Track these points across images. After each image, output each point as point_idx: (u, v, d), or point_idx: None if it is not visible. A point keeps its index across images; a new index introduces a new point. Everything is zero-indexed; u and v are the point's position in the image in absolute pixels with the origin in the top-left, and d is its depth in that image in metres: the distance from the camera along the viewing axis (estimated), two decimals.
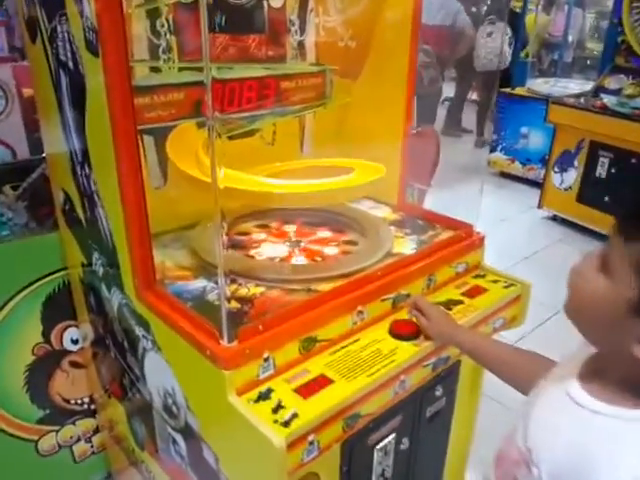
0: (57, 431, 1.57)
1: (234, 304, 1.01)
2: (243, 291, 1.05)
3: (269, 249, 1.25)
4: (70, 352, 1.53)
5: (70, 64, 1.00)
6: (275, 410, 0.87)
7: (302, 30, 1.45)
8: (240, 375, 0.89)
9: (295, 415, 0.86)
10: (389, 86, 1.50)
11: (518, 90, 4.83)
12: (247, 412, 0.86)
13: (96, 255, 1.21)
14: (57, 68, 1.07)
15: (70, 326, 1.50)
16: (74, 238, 1.31)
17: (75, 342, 1.52)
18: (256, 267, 1.11)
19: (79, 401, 1.60)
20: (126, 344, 1.22)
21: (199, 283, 1.09)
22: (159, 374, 1.08)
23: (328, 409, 0.89)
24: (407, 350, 1.04)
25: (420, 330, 1.08)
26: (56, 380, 1.53)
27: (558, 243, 3.77)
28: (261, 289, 1.06)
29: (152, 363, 1.11)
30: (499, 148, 4.93)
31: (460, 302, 1.21)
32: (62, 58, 1.03)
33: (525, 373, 0.91)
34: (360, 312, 1.07)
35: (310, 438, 0.87)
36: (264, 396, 0.90)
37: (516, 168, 4.87)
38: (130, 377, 1.26)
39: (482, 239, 1.35)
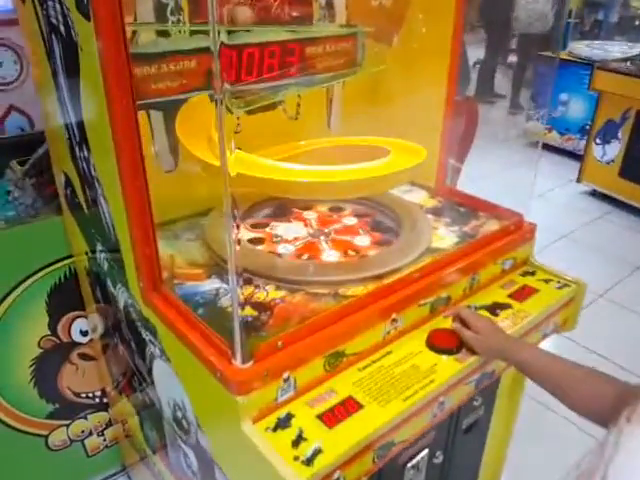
0: (68, 425, 1.49)
1: (250, 311, 0.87)
2: (261, 295, 0.92)
3: (291, 242, 1.10)
4: (79, 344, 1.43)
5: (62, 28, 0.85)
6: (296, 443, 0.74)
7: None
8: (255, 400, 0.76)
9: (319, 450, 0.73)
10: (430, 51, 1.32)
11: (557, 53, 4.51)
12: (264, 445, 0.73)
13: (99, 247, 1.08)
14: (49, 32, 0.92)
15: (78, 317, 1.39)
16: (77, 225, 1.18)
17: (84, 334, 1.42)
18: (276, 266, 0.97)
19: (90, 394, 1.51)
20: (134, 345, 1.11)
21: (212, 284, 0.95)
22: (168, 384, 0.97)
23: (357, 442, 0.76)
24: (448, 367, 0.90)
25: (462, 342, 0.94)
26: (65, 373, 1.43)
27: (598, 220, 3.55)
28: (282, 293, 0.93)
29: (161, 371, 0.99)
30: (536, 117, 4.65)
31: (507, 306, 1.06)
32: (53, 21, 0.88)
33: (592, 398, 0.78)
34: (394, 320, 0.93)
35: (336, 475, 0.75)
36: (283, 424, 0.78)
37: (553, 138, 4.59)
38: (139, 379, 1.16)
39: (533, 230, 1.18)
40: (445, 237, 1.13)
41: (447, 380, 0.88)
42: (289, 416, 0.79)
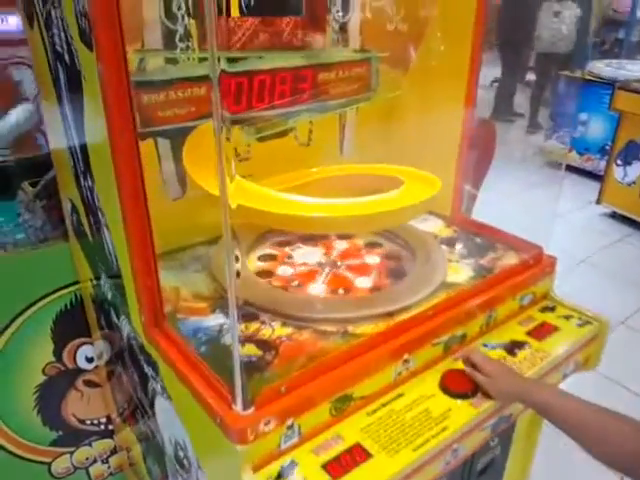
0: (72, 453, 1.46)
1: (254, 350, 0.84)
2: (267, 332, 0.88)
3: (300, 274, 1.07)
4: (85, 371, 1.40)
5: (66, 57, 0.84)
6: None
7: (345, 10, 1.24)
8: (257, 448, 0.72)
9: None
10: (446, 74, 1.29)
11: (578, 73, 4.45)
12: None
13: (103, 275, 1.06)
14: (55, 60, 0.91)
15: (84, 343, 1.37)
16: (82, 252, 1.16)
17: (90, 360, 1.39)
18: (282, 301, 0.93)
19: (95, 421, 1.48)
20: (136, 377, 1.07)
21: (216, 319, 0.92)
22: (170, 422, 0.93)
23: None
24: (463, 412, 0.85)
25: (477, 385, 0.89)
26: (70, 400, 1.40)
27: (618, 243, 3.46)
28: (288, 329, 0.89)
29: (162, 408, 0.96)
30: (554, 136, 4.58)
31: (525, 345, 1.01)
32: (58, 49, 0.87)
33: (617, 445, 0.73)
34: (406, 361, 0.88)
35: None
36: (286, 472, 0.73)
37: (573, 158, 4.52)
38: (142, 411, 1.12)
39: (553, 264, 1.13)
40: (460, 270, 1.08)
41: (461, 427, 0.83)
42: (293, 464, 0.74)
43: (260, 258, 1.11)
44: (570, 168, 4.52)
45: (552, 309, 1.12)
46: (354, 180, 1.15)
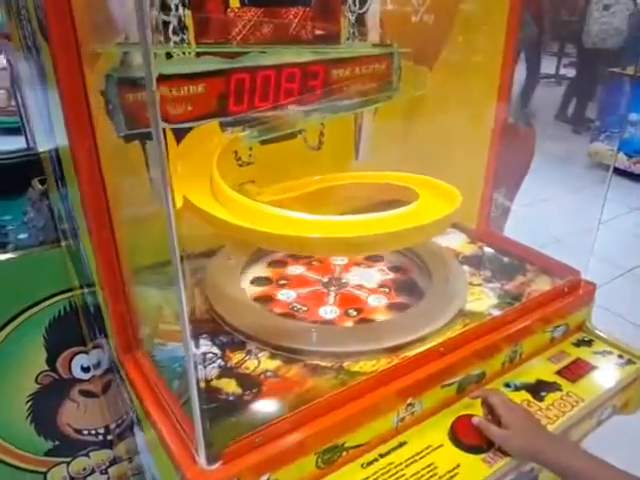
0: (68, 463, 1.40)
1: (233, 387, 0.73)
2: (251, 364, 0.77)
3: (297, 288, 0.96)
4: (80, 380, 1.33)
5: (34, 51, 0.75)
6: None
7: (362, 0, 1.12)
8: None
9: None
10: (477, 74, 1.15)
11: (629, 70, 4.17)
12: None
13: (86, 290, 0.98)
14: (27, 54, 0.82)
15: (80, 352, 1.30)
16: (70, 260, 1.09)
17: (86, 370, 1.32)
18: (271, 329, 0.83)
19: (93, 432, 1.41)
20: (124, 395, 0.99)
21: (201, 346, 0.82)
22: (146, 455, 0.84)
23: None
24: (474, 471, 0.73)
25: None
26: (65, 410, 1.34)
27: None
28: (276, 362, 0.78)
29: (140, 438, 0.87)
30: (602, 137, 4.32)
31: (555, 387, 0.87)
32: (28, 42, 0.78)
33: None
34: (411, 405, 0.77)
35: None
36: None
37: (620, 160, 4.25)
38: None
39: (592, 292, 0.99)
40: (482, 297, 0.95)
41: None
42: None
43: (254, 281, 1.00)
44: (617, 171, 4.26)
45: (588, 343, 0.98)
46: (363, 190, 1.03)
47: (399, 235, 0.75)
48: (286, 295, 0.95)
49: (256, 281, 0.99)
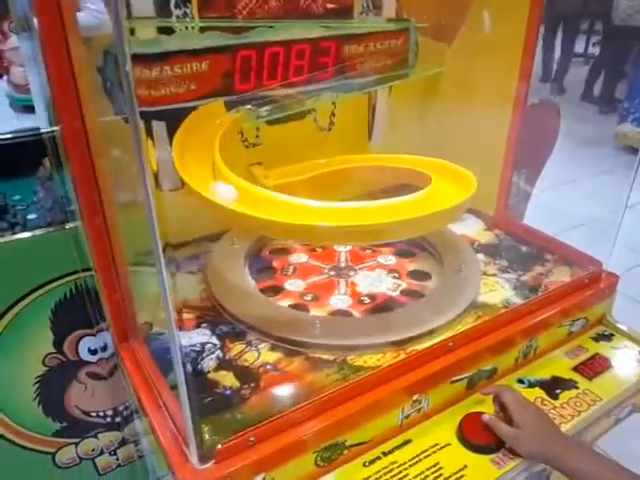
0: (77, 444, 1.40)
1: (230, 380, 0.71)
2: (250, 356, 0.74)
3: (305, 278, 0.93)
4: (88, 363, 1.32)
5: (30, 31, 0.71)
6: None
7: None
8: None
9: None
10: (498, 52, 1.08)
11: None
12: None
13: (87, 274, 0.95)
14: (26, 33, 0.79)
15: (86, 335, 1.29)
16: (73, 242, 1.06)
17: (93, 352, 1.31)
18: (273, 320, 0.79)
19: (101, 413, 1.40)
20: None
21: (199, 336, 0.79)
22: (146, 444, 0.83)
23: None
24: (482, 472, 0.69)
25: None
26: (73, 392, 1.33)
27: None
28: (276, 355, 0.75)
29: (139, 425, 0.85)
30: (630, 118, 4.16)
31: (571, 384, 0.83)
32: (26, 22, 0.74)
33: None
34: (417, 401, 0.73)
35: None
36: None
37: None
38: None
39: (614, 284, 0.93)
40: (497, 288, 0.90)
41: None
42: None
43: (258, 271, 0.96)
44: None
45: (608, 338, 0.93)
46: (374, 173, 0.98)
47: (405, 224, 0.70)
48: (294, 285, 0.91)
49: (260, 271, 0.95)
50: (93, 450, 1.43)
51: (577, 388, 0.82)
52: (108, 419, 1.42)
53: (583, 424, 0.77)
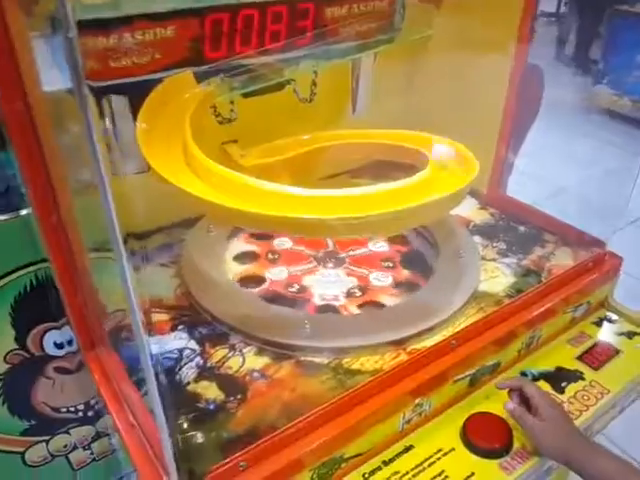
0: (47, 441, 1.32)
1: (214, 391, 0.63)
2: (234, 363, 0.67)
3: (289, 265, 0.85)
4: (55, 357, 1.23)
5: None
6: None
7: None
8: None
9: None
10: (491, 13, 1.00)
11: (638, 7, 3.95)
12: None
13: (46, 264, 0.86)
14: None
15: (51, 328, 1.19)
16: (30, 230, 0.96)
17: (60, 346, 1.22)
18: (256, 320, 0.71)
19: (72, 408, 1.32)
20: None
21: (176, 340, 0.71)
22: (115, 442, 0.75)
23: None
24: (491, 477, 0.64)
25: (512, 437, 0.67)
26: (40, 388, 1.24)
27: None
28: (264, 360, 0.67)
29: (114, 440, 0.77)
30: (605, 80, 4.13)
31: (577, 375, 0.78)
32: None
33: None
34: (418, 405, 0.67)
35: None
36: None
37: (625, 105, 4.08)
38: None
39: (618, 266, 0.88)
40: (497, 274, 0.84)
41: None
42: None
43: (237, 258, 0.88)
44: (621, 117, 4.09)
45: (611, 322, 0.88)
46: (362, 151, 0.90)
47: (402, 215, 0.62)
48: (277, 274, 0.83)
49: (241, 257, 0.87)
50: (65, 446, 1.35)
51: (583, 379, 0.77)
52: (80, 414, 1.34)
53: (592, 419, 0.73)
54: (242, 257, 0.88)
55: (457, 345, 0.69)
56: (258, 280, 0.83)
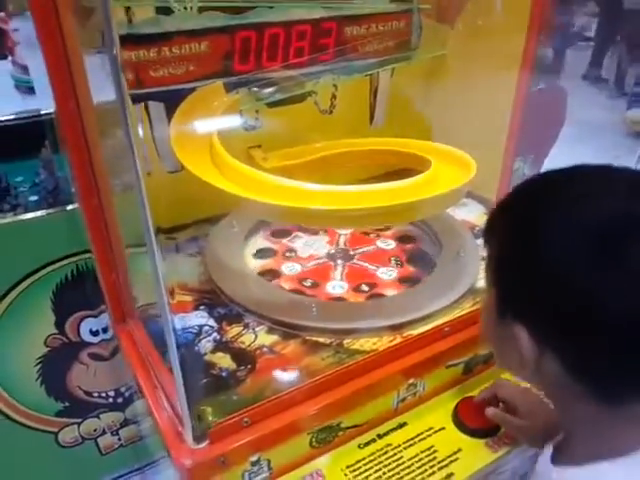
0: (79, 424, 1.42)
1: (227, 362, 0.71)
2: (247, 339, 0.75)
3: (304, 261, 0.93)
4: (90, 344, 1.33)
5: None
6: None
7: None
8: None
9: None
10: (503, 32, 1.07)
11: None
12: None
13: (87, 255, 0.96)
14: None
15: (88, 316, 1.30)
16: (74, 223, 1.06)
17: (95, 334, 1.32)
18: (270, 303, 0.79)
19: (103, 394, 1.42)
20: None
21: (197, 318, 0.79)
22: (146, 425, 0.83)
23: None
24: (476, 455, 0.70)
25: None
26: (75, 373, 1.35)
27: None
28: (273, 337, 0.75)
29: (140, 409, 0.86)
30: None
31: None
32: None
33: None
34: (412, 385, 0.73)
35: None
36: None
37: None
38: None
39: None
40: None
41: (471, 474, 0.68)
42: None
43: (256, 254, 0.96)
44: None
45: None
46: (373, 157, 0.98)
47: (404, 208, 0.69)
48: (292, 269, 0.91)
49: (259, 253, 0.95)
50: (95, 430, 1.45)
51: None
52: (110, 400, 1.43)
53: None
54: (261, 253, 0.96)
55: (450, 332, 0.75)
56: (274, 274, 0.90)
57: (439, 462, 0.68)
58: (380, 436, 0.71)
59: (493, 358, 0.81)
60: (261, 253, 0.97)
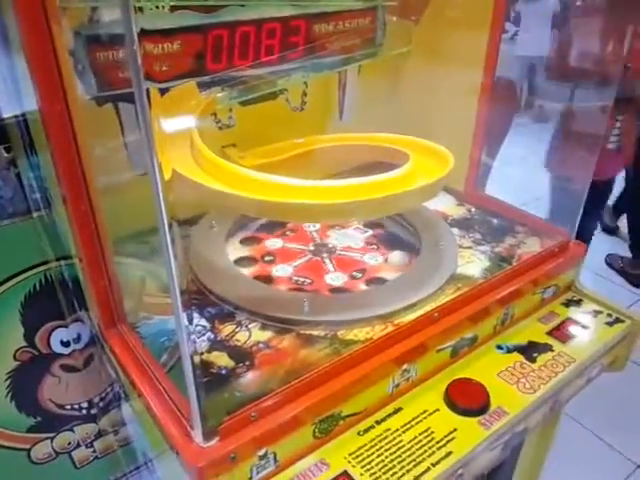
0: (52, 438, 1.37)
1: (225, 360, 0.71)
2: (242, 336, 0.75)
3: (288, 262, 0.93)
4: (61, 355, 1.29)
5: None
6: None
7: None
8: None
9: None
10: (466, 29, 1.11)
11: None
12: None
13: (62, 263, 0.93)
14: None
15: (58, 327, 1.26)
16: (44, 232, 1.03)
17: (66, 344, 1.28)
18: (261, 299, 0.80)
19: (76, 406, 1.38)
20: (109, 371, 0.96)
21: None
22: (137, 432, 0.82)
23: None
24: (470, 434, 0.72)
25: (489, 399, 0.76)
26: (46, 386, 1.30)
27: None
28: (268, 334, 0.76)
29: (127, 411, 0.84)
30: None
31: (547, 347, 0.87)
32: None
33: None
34: (406, 371, 0.76)
35: None
36: None
37: None
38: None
39: (582, 252, 0.98)
40: (474, 260, 0.94)
41: (468, 451, 0.71)
42: None
43: (239, 261, 0.95)
44: None
45: (578, 303, 0.98)
46: (351, 152, 0.99)
47: (388, 201, 0.72)
48: (282, 270, 0.91)
49: (241, 261, 0.95)
50: (69, 444, 1.41)
51: (552, 351, 0.87)
52: (84, 411, 1.39)
53: (560, 384, 0.82)
54: (241, 262, 0.95)
55: (439, 318, 0.78)
56: (267, 280, 0.89)
57: (437, 442, 0.71)
58: (378, 422, 0.73)
59: (477, 342, 0.85)
60: (242, 261, 0.95)
